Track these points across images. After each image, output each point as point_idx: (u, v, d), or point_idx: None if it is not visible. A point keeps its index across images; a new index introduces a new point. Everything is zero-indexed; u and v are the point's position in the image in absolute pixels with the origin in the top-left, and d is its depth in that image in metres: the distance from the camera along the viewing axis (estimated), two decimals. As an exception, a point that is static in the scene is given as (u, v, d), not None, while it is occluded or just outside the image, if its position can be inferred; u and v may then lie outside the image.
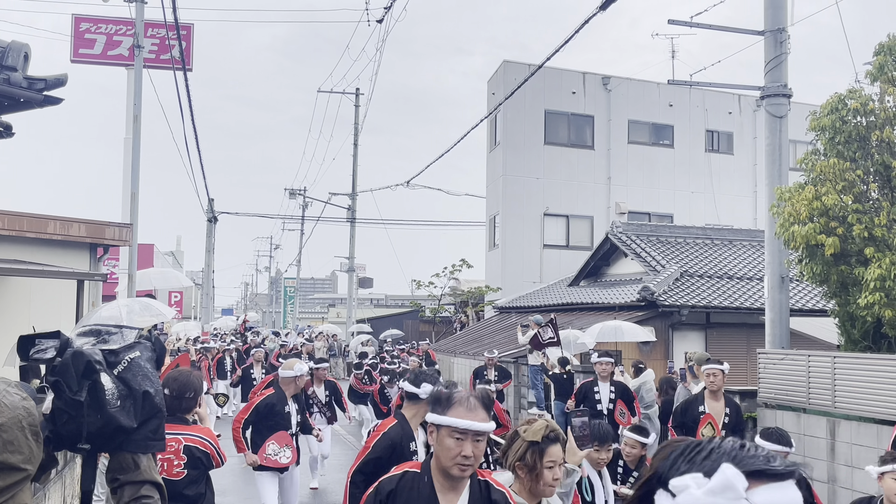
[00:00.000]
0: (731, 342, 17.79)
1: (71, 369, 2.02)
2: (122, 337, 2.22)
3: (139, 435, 2.11)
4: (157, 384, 2.19)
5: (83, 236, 13.56)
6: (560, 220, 30.06)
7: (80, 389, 2.01)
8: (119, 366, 2.11)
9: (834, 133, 11.77)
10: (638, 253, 21.28)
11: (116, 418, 2.04)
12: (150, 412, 2.13)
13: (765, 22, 12.77)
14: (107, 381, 2.06)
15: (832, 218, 11.28)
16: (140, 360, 2.16)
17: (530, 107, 29.72)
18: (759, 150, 29.68)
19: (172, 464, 4.99)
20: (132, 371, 2.12)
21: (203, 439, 5.12)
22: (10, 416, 1.71)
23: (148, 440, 2.15)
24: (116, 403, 2.05)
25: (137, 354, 2.17)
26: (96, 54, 28.82)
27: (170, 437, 4.91)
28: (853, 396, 10.36)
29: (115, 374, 2.09)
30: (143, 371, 2.15)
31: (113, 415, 2.03)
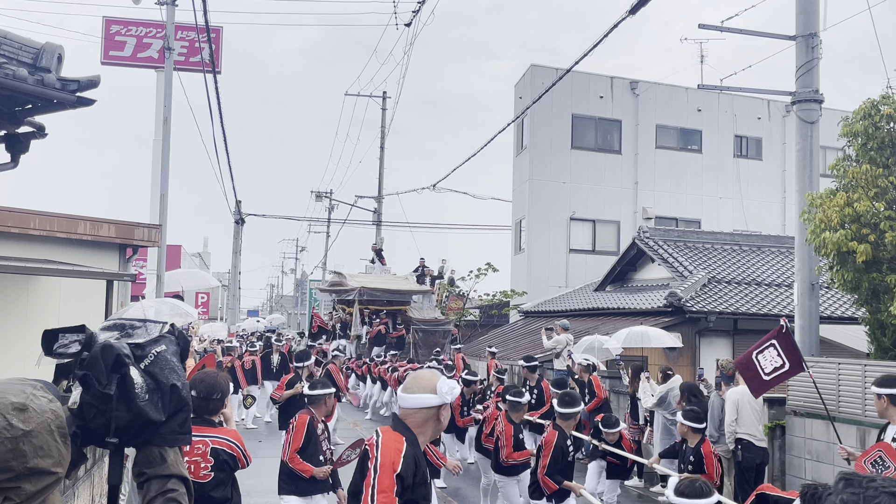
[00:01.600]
0: (759, 349, 17.68)
1: (100, 363, 2.03)
2: (146, 331, 2.23)
3: (167, 428, 2.12)
4: (184, 378, 2.20)
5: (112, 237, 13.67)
6: (586, 224, 29.97)
7: (110, 383, 2.02)
8: (146, 359, 2.12)
9: (866, 139, 11.68)
10: (665, 258, 21.17)
11: (145, 412, 2.04)
12: (178, 406, 2.14)
13: (796, 27, 12.68)
14: (135, 374, 2.07)
15: (864, 225, 11.18)
16: (166, 354, 2.17)
17: (557, 111, 29.67)
18: (789, 156, 29.52)
19: (199, 466, 4.97)
20: (159, 365, 2.13)
21: (230, 441, 5.11)
22: (39, 421, 1.72)
23: (175, 434, 2.15)
24: (145, 397, 2.06)
25: (163, 348, 2.18)
26: (126, 56, 29.08)
27: (197, 439, 4.95)
28: (884, 405, 10.26)
29: (142, 367, 2.10)
30: (169, 364, 2.16)
31: (142, 408, 2.04)
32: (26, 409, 1.71)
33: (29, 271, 10.54)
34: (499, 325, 30.60)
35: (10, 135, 7.63)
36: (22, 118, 7.45)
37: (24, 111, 7.34)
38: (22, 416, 1.70)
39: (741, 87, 14.46)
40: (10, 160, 7.73)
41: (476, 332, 30.78)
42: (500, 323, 30.93)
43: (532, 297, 28.69)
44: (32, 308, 11.64)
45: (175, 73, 18.46)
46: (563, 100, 29.20)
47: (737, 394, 10.26)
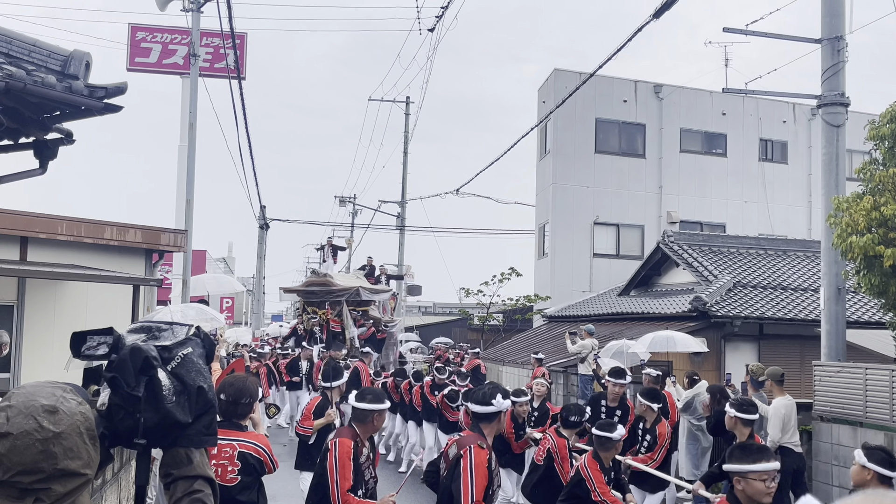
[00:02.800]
0: (785, 354, 17.52)
1: (129, 365, 2.05)
2: (172, 333, 2.25)
3: (193, 430, 2.13)
4: (210, 380, 2.22)
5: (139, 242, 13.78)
6: (610, 229, 29.90)
7: (138, 385, 2.04)
8: (173, 361, 2.14)
9: (893, 142, 11.61)
10: (690, 263, 21.09)
11: (173, 414, 2.07)
12: (204, 407, 2.15)
13: (822, 30, 12.62)
14: (163, 376, 2.09)
15: (891, 228, 11.10)
16: (193, 356, 2.19)
17: (581, 115, 29.63)
18: (814, 160, 29.31)
19: (226, 469, 5.01)
20: (186, 367, 2.15)
21: (257, 446, 5.14)
22: (69, 424, 1.74)
23: (202, 435, 2.17)
24: (172, 399, 2.08)
25: (190, 350, 2.20)
26: (152, 63, 29.37)
27: (224, 442, 4.99)
28: (912, 411, 10.19)
29: (169, 369, 2.12)
30: (196, 367, 2.17)
31: (169, 410, 2.06)
32: (56, 412, 1.73)
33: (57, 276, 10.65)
34: (522, 329, 30.58)
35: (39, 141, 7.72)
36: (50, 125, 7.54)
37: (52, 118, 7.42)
38: (52, 419, 1.72)
39: (766, 91, 14.43)
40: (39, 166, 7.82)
41: (499, 337, 30.78)
42: (523, 328, 30.91)
43: (555, 301, 28.65)
44: (60, 313, 11.76)
45: (200, 78, 18.58)
46: (586, 104, 29.16)
47: (784, 407, 10.08)
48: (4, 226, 11.28)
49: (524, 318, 31.51)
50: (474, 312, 34.16)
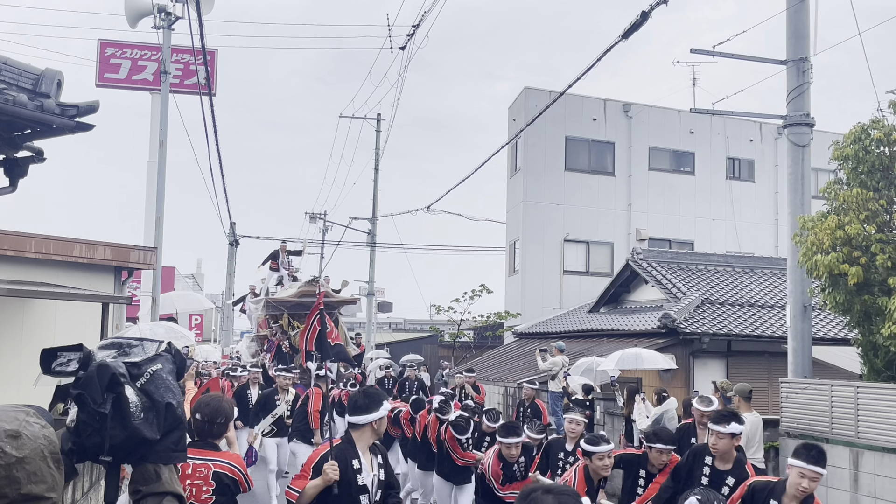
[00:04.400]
0: (753, 370, 17.69)
1: (95, 382, 2.04)
2: (142, 349, 2.24)
3: (161, 446, 2.12)
4: (179, 396, 2.20)
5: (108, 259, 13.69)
6: (580, 246, 30.06)
7: (105, 402, 2.03)
8: (142, 378, 2.12)
9: (857, 163, 11.79)
10: (658, 280, 21.25)
11: (140, 430, 2.05)
12: (173, 424, 2.14)
13: (787, 52, 12.82)
14: (131, 393, 2.07)
15: (855, 247, 11.26)
16: (162, 373, 2.18)
17: (551, 133, 29.81)
18: (781, 178, 29.66)
19: (201, 489, 4.97)
20: (155, 383, 2.13)
21: (232, 466, 5.12)
22: (32, 448, 1.72)
23: (170, 451, 2.15)
24: (140, 416, 2.06)
25: (159, 367, 2.19)
26: (121, 79, 29.23)
27: (199, 462, 4.98)
28: (877, 427, 10.31)
29: (138, 386, 2.11)
30: (165, 383, 2.16)
31: (137, 427, 2.04)
32: (19, 437, 1.72)
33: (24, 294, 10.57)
34: (493, 346, 30.61)
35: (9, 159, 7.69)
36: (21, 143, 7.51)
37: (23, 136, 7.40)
38: (15, 444, 1.70)
39: (733, 111, 14.60)
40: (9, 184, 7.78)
41: (470, 354, 30.79)
42: (494, 344, 30.94)
43: (526, 318, 28.72)
44: (28, 331, 11.65)
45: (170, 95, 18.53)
46: (556, 122, 29.35)
47: (750, 424, 10.18)
48: (-28, 243, 11.17)
49: (495, 335, 31.54)
50: (445, 329, 34.13)
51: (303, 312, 20.74)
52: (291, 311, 21.98)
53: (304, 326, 7.47)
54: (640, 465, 7.34)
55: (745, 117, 23.96)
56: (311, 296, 21.45)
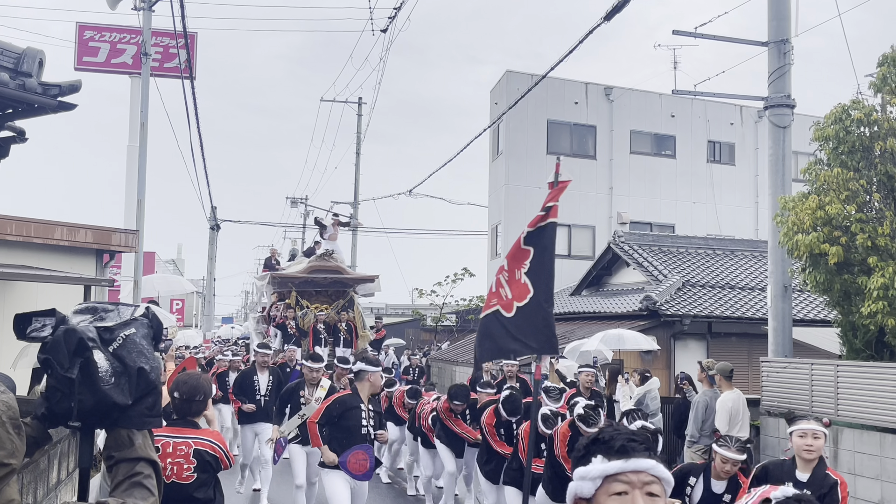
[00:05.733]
0: (733, 352, 17.81)
1: (62, 347, 2.01)
2: (118, 314, 2.20)
3: (135, 411, 2.09)
4: (154, 361, 2.17)
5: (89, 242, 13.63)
6: (562, 229, 30.00)
7: (72, 367, 1.99)
8: (114, 343, 2.09)
9: (838, 143, 11.85)
10: (640, 262, 21.34)
11: (110, 396, 2.02)
12: (146, 389, 2.10)
13: (768, 33, 12.86)
14: (100, 358, 2.04)
15: (835, 227, 11.34)
16: (136, 337, 2.14)
17: (533, 117, 29.79)
18: (761, 161, 29.75)
19: (182, 467, 5.03)
20: (127, 348, 2.10)
21: (212, 443, 5.16)
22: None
23: (144, 416, 2.13)
24: (110, 381, 2.03)
25: (133, 331, 2.15)
26: (100, 62, 29.03)
27: (179, 440, 5.04)
28: (856, 405, 10.43)
29: (110, 351, 2.07)
30: (138, 348, 2.12)
31: (106, 392, 2.01)
32: None
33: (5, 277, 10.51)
34: (475, 329, 30.67)
35: (-10, 139, 7.63)
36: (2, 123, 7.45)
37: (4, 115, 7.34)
38: None
39: (714, 93, 14.67)
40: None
41: (453, 338, 30.86)
42: (476, 328, 31.01)
43: (508, 301, 28.75)
44: (9, 314, 11.58)
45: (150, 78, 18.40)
46: (538, 106, 29.33)
47: (731, 401, 10.29)
48: (-48, 225, 11.09)
49: (477, 319, 31.60)
50: (427, 313, 34.23)
51: (312, 290, 19.78)
52: (300, 288, 19.73)
53: None
54: None
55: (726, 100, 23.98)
56: (321, 271, 19.60)
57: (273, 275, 20.52)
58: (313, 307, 19.36)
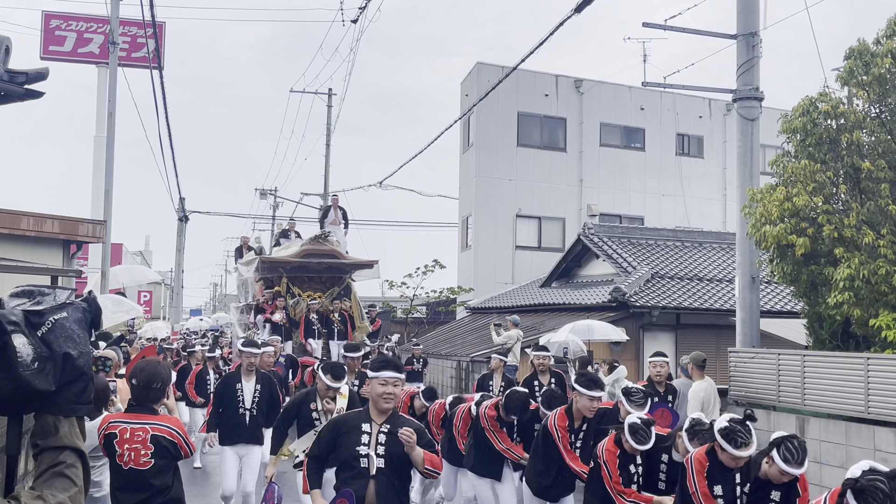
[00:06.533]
0: (701, 343, 17.92)
1: None
2: (54, 298, 2.14)
3: (61, 398, 2.03)
4: (84, 346, 2.10)
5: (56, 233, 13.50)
6: (532, 221, 30.19)
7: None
8: (43, 327, 2.02)
9: (805, 135, 11.94)
10: (609, 254, 21.44)
11: (30, 382, 1.95)
12: (73, 375, 2.04)
13: (737, 26, 12.93)
14: (21, 342, 1.96)
15: (803, 219, 11.45)
16: (66, 322, 2.08)
17: (503, 109, 29.84)
18: (729, 154, 30.01)
19: (139, 453, 5.06)
20: (55, 332, 2.03)
21: (170, 429, 5.19)
22: None
23: (71, 403, 2.06)
24: (33, 366, 1.96)
25: (64, 315, 2.09)
26: (66, 51, 28.69)
27: (136, 426, 5.08)
28: (822, 394, 10.55)
29: (38, 335, 2.01)
30: (66, 332, 2.06)
31: (26, 378, 1.94)
32: None
33: (-29, 267, 10.38)
34: (445, 321, 30.73)
35: (-44, 127, 7.50)
36: (-33, 110, 7.33)
37: (-30, 103, 7.22)
38: None
39: (683, 85, 14.73)
40: (-44, 153, 7.60)
41: (423, 329, 30.87)
42: (446, 320, 31.07)
43: (479, 293, 28.84)
44: (-26, 305, 11.43)
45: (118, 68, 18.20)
46: (508, 98, 29.38)
47: (702, 390, 10.37)
48: (-84, 215, 10.94)
49: (447, 311, 31.66)
50: (398, 305, 34.15)
51: (305, 276, 18.14)
52: (291, 273, 18.04)
53: None
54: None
55: (695, 92, 24.16)
56: (315, 255, 17.85)
57: (262, 259, 18.63)
58: (305, 295, 17.74)
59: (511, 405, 7.38)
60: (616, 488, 5.94)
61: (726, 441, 5.06)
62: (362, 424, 5.00)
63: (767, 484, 5.10)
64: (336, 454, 5.03)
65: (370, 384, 5.08)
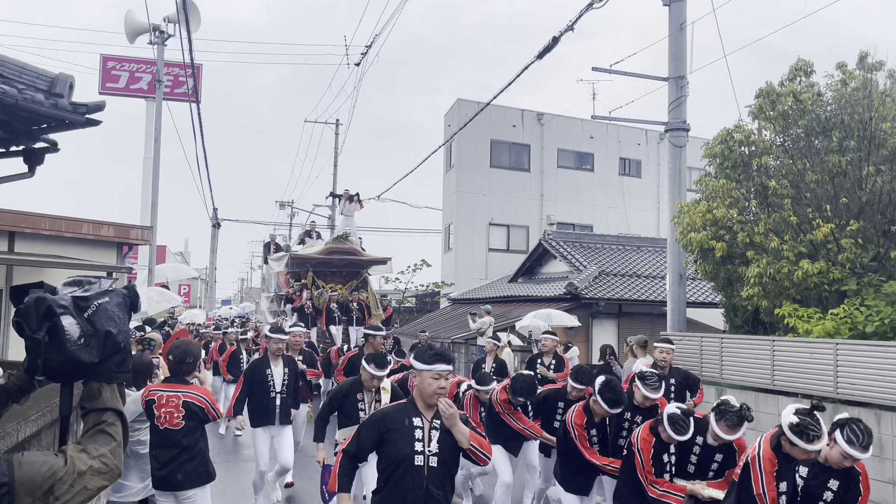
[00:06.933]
0: (639, 328, 18.00)
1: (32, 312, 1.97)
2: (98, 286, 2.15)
3: (103, 368, 2.04)
4: (123, 325, 2.11)
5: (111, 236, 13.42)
6: (502, 228, 30.17)
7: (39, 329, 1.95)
8: (88, 310, 2.04)
9: (723, 160, 12.02)
10: (564, 256, 21.45)
11: (77, 355, 1.97)
12: (113, 349, 2.06)
13: (669, 70, 12.97)
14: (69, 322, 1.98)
15: (721, 227, 11.51)
16: (108, 305, 2.09)
17: (479, 137, 29.80)
18: (662, 175, 30.11)
19: (173, 416, 5.11)
20: (98, 314, 2.05)
21: (199, 396, 5.21)
22: None
23: (112, 372, 2.07)
24: (79, 342, 1.98)
25: (106, 300, 2.10)
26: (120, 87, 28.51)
27: (171, 394, 5.14)
28: (736, 370, 10.59)
29: (84, 316, 2.02)
30: (108, 314, 2.08)
31: (73, 352, 1.96)
32: None
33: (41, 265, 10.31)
34: (431, 310, 30.66)
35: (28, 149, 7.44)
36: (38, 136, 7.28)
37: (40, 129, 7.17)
38: None
39: (625, 118, 14.77)
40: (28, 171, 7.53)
41: (413, 316, 30.79)
42: (432, 309, 30.99)
43: (458, 287, 28.81)
44: (43, 295, 11.33)
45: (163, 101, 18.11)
46: (483, 128, 29.34)
47: (643, 364, 10.37)
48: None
49: (433, 301, 31.59)
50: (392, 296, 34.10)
51: (328, 270, 17.58)
52: (316, 268, 17.57)
53: None
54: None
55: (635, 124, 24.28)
56: (337, 253, 17.48)
57: (292, 255, 18.15)
58: (328, 287, 17.16)
59: (518, 388, 6.60)
60: (648, 477, 5.13)
61: (798, 436, 4.13)
62: (412, 419, 3.87)
63: (827, 470, 4.19)
64: (384, 451, 3.86)
65: (420, 377, 3.92)
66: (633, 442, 5.23)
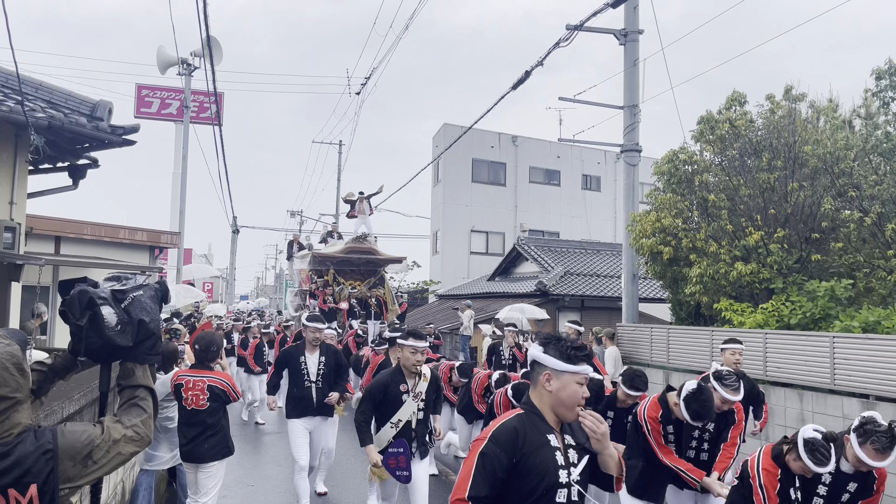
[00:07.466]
0: (598, 320, 18.03)
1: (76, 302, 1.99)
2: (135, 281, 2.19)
3: (137, 351, 2.06)
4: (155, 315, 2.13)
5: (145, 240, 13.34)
6: (482, 235, 30.19)
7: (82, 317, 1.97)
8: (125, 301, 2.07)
9: (670, 176, 12.08)
10: (535, 258, 21.48)
11: (113, 339, 1.99)
12: (145, 335, 2.07)
13: (624, 100, 13.02)
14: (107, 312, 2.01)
15: (668, 234, 11.57)
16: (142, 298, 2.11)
17: (462, 156, 29.80)
18: (619, 189, 30.20)
19: (199, 398, 5.09)
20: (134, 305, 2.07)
21: (221, 381, 5.19)
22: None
23: (145, 355, 2.09)
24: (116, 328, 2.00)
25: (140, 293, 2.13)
26: (153, 112, 28.31)
27: (197, 378, 5.12)
28: (682, 356, 10.65)
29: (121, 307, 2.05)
30: (142, 305, 2.10)
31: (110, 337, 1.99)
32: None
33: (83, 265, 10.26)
34: (421, 305, 30.64)
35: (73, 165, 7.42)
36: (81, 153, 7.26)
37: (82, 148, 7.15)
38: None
39: (587, 140, 14.82)
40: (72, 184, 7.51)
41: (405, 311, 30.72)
42: (421, 303, 30.97)
43: (444, 285, 28.79)
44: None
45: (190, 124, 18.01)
46: (465, 148, 29.34)
47: (615, 352, 10.43)
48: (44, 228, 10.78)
49: (422, 297, 31.57)
50: (388, 293, 34.03)
51: (348, 269, 16.65)
52: (337, 266, 16.58)
53: None
54: None
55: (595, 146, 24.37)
56: (357, 252, 16.51)
57: (314, 253, 17.05)
58: (348, 283, 16.30)
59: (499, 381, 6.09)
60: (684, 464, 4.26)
61: (808, 454, 3.48)
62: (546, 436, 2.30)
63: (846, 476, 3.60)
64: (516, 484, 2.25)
65: (559, 381, 2.34)
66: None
